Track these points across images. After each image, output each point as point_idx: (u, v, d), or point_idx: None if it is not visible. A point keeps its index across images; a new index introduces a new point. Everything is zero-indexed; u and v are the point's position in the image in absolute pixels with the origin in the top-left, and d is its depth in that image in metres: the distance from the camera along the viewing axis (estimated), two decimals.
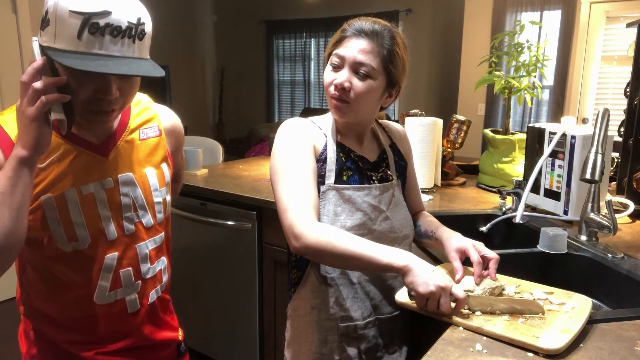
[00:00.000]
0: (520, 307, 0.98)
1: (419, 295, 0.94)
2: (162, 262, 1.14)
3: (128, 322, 1.07)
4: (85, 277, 1.01)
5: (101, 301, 1.03)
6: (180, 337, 1.23)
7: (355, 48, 1.05)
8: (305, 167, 1.08)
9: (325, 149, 1.12)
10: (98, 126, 0.99)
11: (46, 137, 0.88)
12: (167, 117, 1.16)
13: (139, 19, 0.89)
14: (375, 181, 1.16)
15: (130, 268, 1.04)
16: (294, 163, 1.08)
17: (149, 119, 1.11)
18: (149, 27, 0.92)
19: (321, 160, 1.12)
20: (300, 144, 1.10)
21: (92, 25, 0.84)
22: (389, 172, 1.19)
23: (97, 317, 1.04)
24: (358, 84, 1.06)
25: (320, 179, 1.11)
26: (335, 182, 1.11)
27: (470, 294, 1.00)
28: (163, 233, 1.12)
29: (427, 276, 0.94)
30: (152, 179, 1.07)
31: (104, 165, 1.01)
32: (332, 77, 1.08)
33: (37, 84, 0.84)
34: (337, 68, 1.08)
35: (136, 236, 1.05)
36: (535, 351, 0.86)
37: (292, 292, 1.18)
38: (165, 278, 1.15)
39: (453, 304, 0.96)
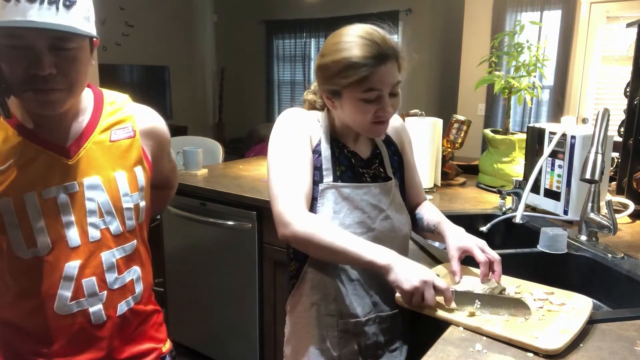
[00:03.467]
0: (506, 309, 0.97)
1: (403, 292, 0.95)
2: (134, 272, 1.06)
3: (92, 334, 0.99)
4: (44, 285, 0.95)
5: (62, 311, 0.96)
6: (164, 350, 1.16)
7: (388, 75, 1.02)
8: (300, 156, 1.08)
9: (319, 142, 1.12)
10: (47, 110, 0.91)
11: None
12: (144, 118, 1.08)
13: None
14: (368, 178, 1.15)
15: (94, 277, 0.98)
16: (288, 153, 1.08)
17: (122, 119, 1.04)
18: None
19: (317, 152, 1.12)
20: (296, 134, 1.10)
21: None
22: (381, 169, 1.18)
23: (59, 327, 0.97)
24: (396, 101, 1.07)
25: (316, 171, 1.11)
26: (333, 180, 1.11)
27: (455, 289, 1.00)
28: (135, 241, 1.05)
29: (409, 272, 0.95)
30: (122, 183, 1.01)
31: (68, 169, 0.96)
32: (371, 109, 1.04)
33: None
34: (373, 101, 1.04)
35: (102, 244, 0.99)
36: (535, 351, 0.86)
37: (291, 285, 1.18)
38: (139, 289, 1.07)
39: (440, 298, 0.97)
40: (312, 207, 1.10)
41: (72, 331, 0.98)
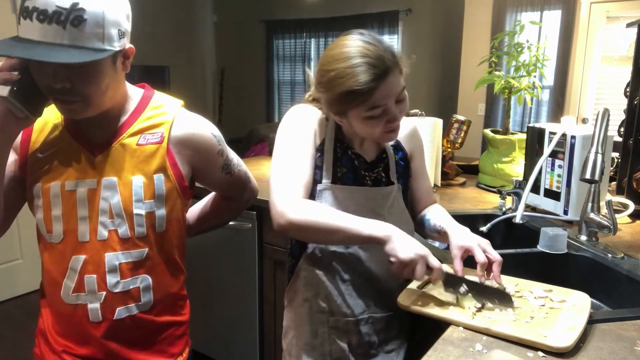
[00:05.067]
0: (490, 298, 1.01)
1: (398, 261, 0.96)
2: (142, 281, 1.04)
3: (89, 331, 1.02)
4: (56, 270, 1.02)
5: (66, 300, 1.02)
6: None
7: (391, 88, 1.00)
8: (302, 150, 1.08)
9: (324, 141, 1.13)
10: (69, 116, 0.99)
11: None
12: (182, 126, 1.06)
13: (73, 4, 0.85)
14: (369, 181, 1.15)
15: (95, 275, 1.00)
16: (290, 147, 1.09)
17: (157, 124, 1.04)
18: (92, 14, 0.87)
19: (319, 150, 1.12)
20: (301, 129, 1.11)
21: (24, 10, 0.86)
22: (383, 174, 1.18)
23: (63, 314, 1.03)
24: (404, 105, 1.06)
25: (316, 169, 1.11)
26: (332, 181, 1.11)
27: (446, 270, 1.04)
28: (146, 250, 1.03)
29: (407, 244, 0.97)
30: (137, 188, 1.01)
31: (91, 165, 1.01)
32: (379, 123, 1.03)
33: None
34: (378, 116, 1.02)
35: (107, 245, 1.00)
36: (539, 349, 0.86)
37: (287, 280, 1.20)
38: (146, 299, 1.05)
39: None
40: None
41: (73, 321, 1.03)
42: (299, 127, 1.11)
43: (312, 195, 1.10)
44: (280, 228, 1.02)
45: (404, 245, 0.96)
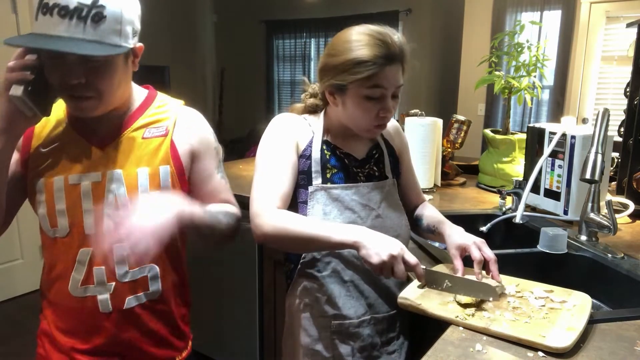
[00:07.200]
0: (475, 290, 1.01)
1: (372, 266, 0.95)
2: (149, 270, 1.06)
3: (100, 322, 1.03)
4: (62, 265, 1.03)
5: (74, 293, 1.02)
6: (179, 359, 1.17)
7: (394, 76, 1.04)
8: (281, 160, 1.09)
9: (309, 145, 1.13)
10: (80, 114, 0.99)
11: (7, 113, 0.92)
12: (185, 120, 1.10)
13: (94, 1, 0.88)
14: (362, 178, 1.15)
15: (103, 267, 1.01)
16: (270, 157, 1.10)
17: (162, 119, 1.08)
18: (111, 11, 0.89)
19: (304, 156, 1.12)
20: (280, 139, 1.11)
21: (44, 6, 0.87)
22: (375, 168, 1.18)
23: (72, 308, 1.04)
24: (396, 103, 1.08)
25: (303, 175, 1.11)
26: (322, 182, 1.11)
27: (426, 268, 1.03)
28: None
29: (378, 247, 0.95)
30: (143, 180, 1.03)
31: (96, 159, 1.02)
32: (373, 108, 1.05)
33: (9, 63, 0.90)
34: (377, 99, 1.05)
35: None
36: (538, 349, 0.86)
37: (287, 285, 1.19)
38: (154, 287, 1.07)
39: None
40: (302, 210, 1.10)
41: (83, 314, 1.03)
42: (279, 137, 1.12)
43: (302, 200, 1.11)
44: (258, 240, 1.05)
45: (375, 248, 0.95)
